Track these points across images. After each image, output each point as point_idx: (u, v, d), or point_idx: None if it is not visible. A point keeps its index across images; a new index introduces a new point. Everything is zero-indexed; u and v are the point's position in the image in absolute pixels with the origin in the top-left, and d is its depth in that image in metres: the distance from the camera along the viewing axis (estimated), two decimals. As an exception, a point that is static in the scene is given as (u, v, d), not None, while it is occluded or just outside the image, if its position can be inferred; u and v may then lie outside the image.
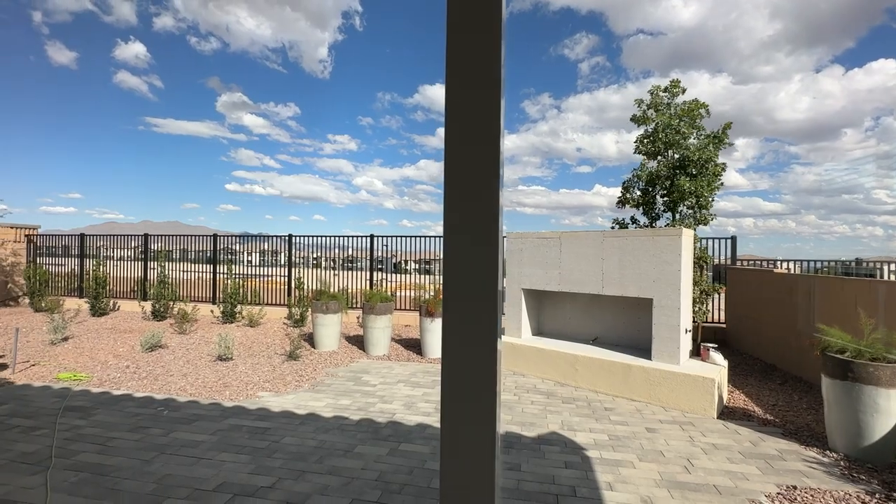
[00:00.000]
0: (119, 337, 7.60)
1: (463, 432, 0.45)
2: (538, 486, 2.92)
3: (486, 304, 0.45)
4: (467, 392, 0.46)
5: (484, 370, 0.45)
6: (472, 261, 0.44)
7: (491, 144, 0.44)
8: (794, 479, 3.07)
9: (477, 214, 0.44)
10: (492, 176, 0.44)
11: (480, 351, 0.45)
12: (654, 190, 6.95)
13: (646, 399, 4.66)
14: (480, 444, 0.45)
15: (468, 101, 0.44)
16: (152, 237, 11.93)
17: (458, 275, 0.45)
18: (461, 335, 0.45)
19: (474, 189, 0.44)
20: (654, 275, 4.85)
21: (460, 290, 0.45)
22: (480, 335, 0.45)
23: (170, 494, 2.73)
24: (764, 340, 6.58)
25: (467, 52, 0.45)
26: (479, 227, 0.44)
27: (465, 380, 0.46)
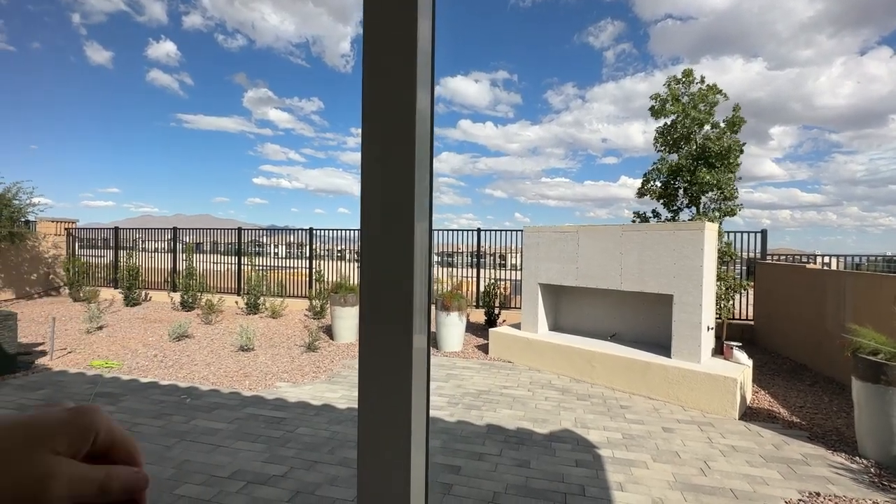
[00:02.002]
0: (149, 327, 7.94)
1: (377, 437, 0.44)
2: (547, 483, 2.89)
3: (400, 315, 0.43)
4: (381, 402, 0.44)
5: (399, 385, 0.43)
6: (385, 263, 0.42)
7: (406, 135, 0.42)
8: (819, 485, 2.94)
9: (390, 205, 0.42)
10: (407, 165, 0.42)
11: (394, 366, 0.43)
12: (675, 182, 6.72)
13: (664, 398, 4.54)
14: (395, 453, 0.44)
15: (385, 91, 0.42)
16: (182, 230, 12.36)
17: (374, 280, 0.43)
18: (376, 346, 0.44)
19: (389, 180, 0.42)
20: (675, 270, 4.70)
21: (376, 296, 0.43)
22: (395, 345, 0.43)
23: (187, 480, 2.84)
24: (794, 339, 6.30)
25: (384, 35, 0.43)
26: (393, 225, 0.42)
27: (380, 394, 0.44)
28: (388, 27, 0.42)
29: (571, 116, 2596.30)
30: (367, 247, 0.43)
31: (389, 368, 0.43)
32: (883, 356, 3.26)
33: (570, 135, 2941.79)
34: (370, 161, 0.43)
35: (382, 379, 0.44)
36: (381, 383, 0.44)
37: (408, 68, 0.41)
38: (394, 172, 0.42)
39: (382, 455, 0.44)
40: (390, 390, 0.44)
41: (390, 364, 0.43)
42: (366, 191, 0.43)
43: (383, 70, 0.42)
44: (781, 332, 6.70)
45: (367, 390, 0.45)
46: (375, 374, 0.44)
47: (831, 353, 5.28)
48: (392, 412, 0.44)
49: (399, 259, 0.42)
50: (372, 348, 0.44)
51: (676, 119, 6.48)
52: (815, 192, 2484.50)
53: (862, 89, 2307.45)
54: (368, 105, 0.43)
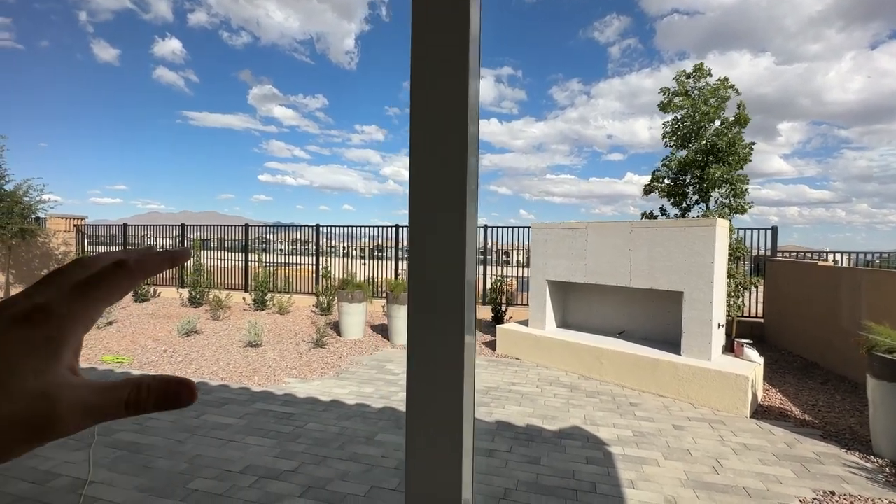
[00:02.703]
0: (158, 322, 8.00)
1: (429, 434, 0.43)
2: (558, 480, 2.89)
3: (453, 304, 0.41)
4: (433, 392, 0.43)
5: (451, 374, 0.42)
6: (435, 256, 0.41)
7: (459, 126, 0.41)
8: (833, 484, 2.91)
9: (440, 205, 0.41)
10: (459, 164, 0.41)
11: (446, 354, 0.42)
12: (684, 179, 6.65)
13: (674, 395, 4.51)
14: (448, 450, 0.42)
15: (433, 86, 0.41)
16: (190, 227, 12.43)
17: (422, 272, 0.42)
18: (426, 335, 0.42)
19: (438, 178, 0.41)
20: (686, 267, 4.66)
21: (424, 288, 0.42)
22: (447, 335, 0.42)
23: (200, 474, 2.86)
24: (805, 337, 6.24)
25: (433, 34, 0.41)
26: (443, 220, 0.41)
27: (430, 383, 0.43)
28: (439, 11, 0.40)
29: (576, 113, 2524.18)
30: (416, 239, 0.42)
31: (440, 364, 0.42)
32: (899, 354, 3.22)
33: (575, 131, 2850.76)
34: (419, 152, 0.42)
35: (434, 374, 0.43)
36: (432, 379, 0.43)
37: (461, 55, 0.40)
38: (444, 163, 0.41)
39: (434, 448, 0.43)
40: (441, 387, 0.42)
41: (441, 359, 0.42)
42: (415, 181, 0.42)
43: (434, 58, 0.41)
44: (792, 329, 6.63)
45: (417, 388, 0.44)
46: (426, 370, 0.43)
47: (843, 351, 5.22)
48: (444, 410, 0.43)
49: (450, 253, 0.41)
50: (422, 345, 0.43)
51: (686, 114, 6.41)
52: (824, 189, 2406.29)
53: (872, 84, 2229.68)
54: (418, 94, 0.41)
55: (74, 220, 12.65)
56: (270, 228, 16.00)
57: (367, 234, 12.18)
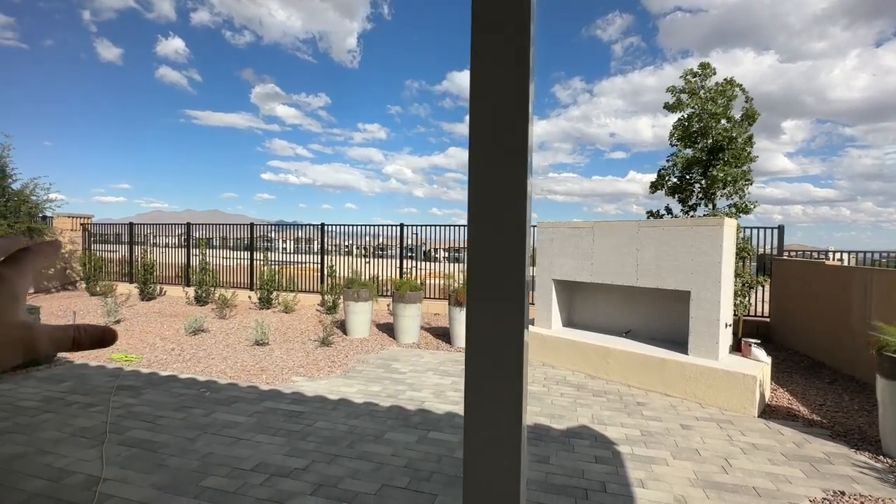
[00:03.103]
0: (165, 321, 8.05)
1: (488, 426, 0.44)
2: (567, 479, 2.90)
3: (513, 295, 0.43)
4: (492, 385, 0.44)
5: (510, 363, 0.43)
6: (496, 250, 0.42)
7: (519, 128, 0.42)
8: (843, 484, 2.91)
9: (502, 201, 0.42)
10: (518, 163, 0.42)
11: (506, 344, 0.43)
12: (690, 178, 6.64)
13: (681, 395, 4.51)
14: (506, 438, 0.44)
15: (494, 84, 0.42)
16: (194, 225, 12.48)
17: (483, 265, 0.43)
18: (486, 326, 0.43)
19: (499, 175, 0.42)
20: (693, 266, 4.65)
21: (485, 280, 0.43)
22: (506, 326, 0.43)
23: (212, 472, 2.89)
24: (812, 336, 6.22)
25: (492, 31, 0.42)
26: (505, 215, 0.42)
27: (490, 373, 0.44)
28: (498, 6, 0.41)
29: (579, 111, 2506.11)
30: (475, 235, 0.43)
31: (501, 357, 0.43)
32: (909, 354, 3.21)
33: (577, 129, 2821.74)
34: (478, 147, 0.43)
35: (496, 366, 0.44)
36: (493, 372, 0.44)
37: (521, 51, 0.40)
38: (504, 162, 0.42)
39: (494, 438, 0.44)
40: (502, 380, 0.44)
41: (501, 354, 0.43)
42: (475, 180, 0.43)
43: (494, 54, 0.42)
44: (798, 328, 6.61)
45: (478, 381, 0.45)
46: (487, 363, 0.44)
47: (852, 351, 5.21)
48: (504, 401, 0.44)
49: (510, 251, 0.42)
50: (484, 340, 0.44)
51: (693, 113, 6.39)
52: (829, 188, 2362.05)
53: (877, 82, 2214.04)
54: (477, 88, 0.42)
55: (81, 219, 12.73)
56: (274, 227, 16.05)
57: (370, 232, 12.21)
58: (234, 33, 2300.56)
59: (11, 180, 10.11)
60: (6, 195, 9.92)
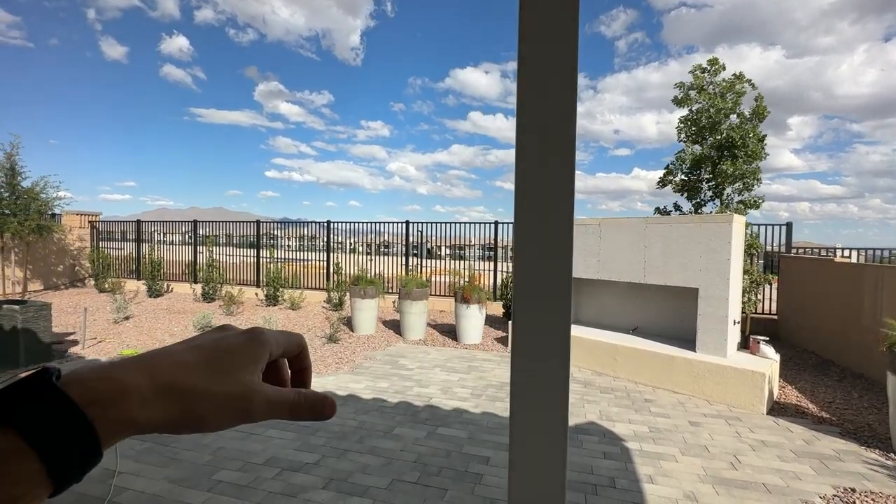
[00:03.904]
0: (173, 317, 8.11)
1: (533, 422, 0.45)
2: (577, 475, 2.91)
3: (558, 293, 0.43)
4: (538, 383, 0.45)
5: (556, 361, 0.44)
6: (543, 248, 0.43)
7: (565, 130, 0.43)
8: (853, 481, 2.90)
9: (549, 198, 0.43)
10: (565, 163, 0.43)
11: (552, 345, 0.44)
12: (698, 174, 6.61)
13: (689, 392, 4.51)
14: (551, 435, 0.45)
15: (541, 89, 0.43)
16: (200, 223, 12.56)
17: (530, 265, 0.44)
18: (532, 324, 0.44)
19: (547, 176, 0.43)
20: (701, 263, 4.64)
21: (531, 279, 0.44)
22: (553, 327, 0.44)
23: (224, 466, 2.92)
24: (821, 333, 6.18)
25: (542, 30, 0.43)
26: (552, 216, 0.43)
27: (535, 370, 0.45)
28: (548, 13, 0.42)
29: (583, 107, 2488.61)
30: (522, 236, 0.44)
31: (546, 356, 0.44)
32: (921, 352, 3.19)
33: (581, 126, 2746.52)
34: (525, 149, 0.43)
35: (540, 365, 0.45)
36: (538, 370, 0.45)
37: (567, 57, 0.41)
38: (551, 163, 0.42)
39: (539, 437, 0.45)
40: (546, 379, 0.44)
41: (546, 352, 0.44)
42: (521, 181, 0.44)
43: (543, 60, 0.42)
44: (807, 326, 6.58)
45: (523, 380, 0.46)
46: (532, 362, 0.45)
47: (860, 348, 5.18)
48: (548, 401, 0.45)
49: (557, 250, 0.42)
50: (529, 338, 0.45)
51: (701, 109, 6.36)
52: (836, 184, 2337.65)
53: (886, 77, 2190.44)
54: (526, 96, 0.43)
55: (89, 217, 12.84)
56: (279, 224, 16.11)
57: (375, 229, 12.22)
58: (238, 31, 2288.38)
59: (21, 178, 10.20)
60: (16, 193, 10.01)
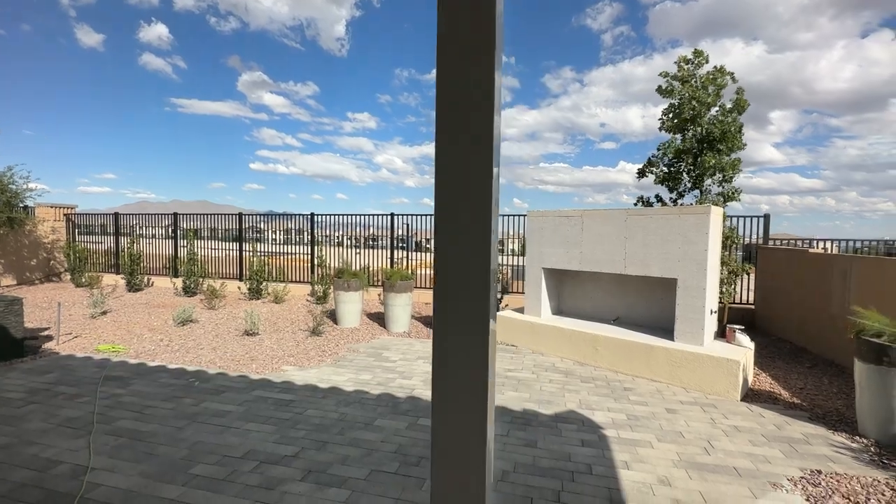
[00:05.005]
0: (153, 312, 7.96)
1: (454, 423, 0.44)
2: (554, 462, 2.95)
3: (478, 287, 0.43)
4: (458, 380, 0.44)
5: (476, 358, 0.44)
6: (462, 243, 0.42)
7: (484, 121, 0.42)
8: (820, 463, 3.00)
9: (468, 193, 0.42)
10: (485, 156, 0.42)
11: (472, 339, 0.43)
12: (679, 165, 6.69)
13: (667, 380, 4.60)
14: (471, 436, 0.44)
15: (459, 74, 0.42)
16: (182, 216, 12.29)
17: (448, 259, 0.43)
18: (451, 321, 0.44)
19: (464, 166, 0.42)
20: (680, 254, 4.71)
21: (450, 273, 0.43)
22: (472, 321, 0.43)
23: (201, 460, 2.89)
24: (794, 322, 6.36)
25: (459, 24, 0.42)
26: (470, 207, 0.42)
27: (456, 368, 0.44)
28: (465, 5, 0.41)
29: (569, 101, 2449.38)
30: (441, 228, 0.43)
31: (466, 349, 0.44)
32: (886, 338, 3.30)
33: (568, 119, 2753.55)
34: (444, 146, 0.42)
35: (460, 359, 0.44)
36: (458, 363, 0.44)
37: (486, 56, 0.40)
38: (469, 158, 0.41)
39: (461, 428, 0.44)
40: (467, 372, 0.44)
41: (466, 345, 0.44)
42: (440, 172, 0.43)
43: (460, 53, 0.41)
44: (782, 315, 6.75)
45: (443, 373, 0.45)
46: (452, 356, 0.44)
47: (831, 336, 5.34)
48: (470, 392, 0.44)
49: (474, 243, 0.42)
50: (449, 331, 0.44)
51: (683, 100, 6.42)
52: (815, 178, 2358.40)
53: (863, 73, 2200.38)
54: (443, 87, 0.42)
55: (64, 209, 12.47)
56: (263, 217, 15.87)
57: (362, 222, 12.14)
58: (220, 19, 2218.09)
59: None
60: (-16, 184, 9.67)
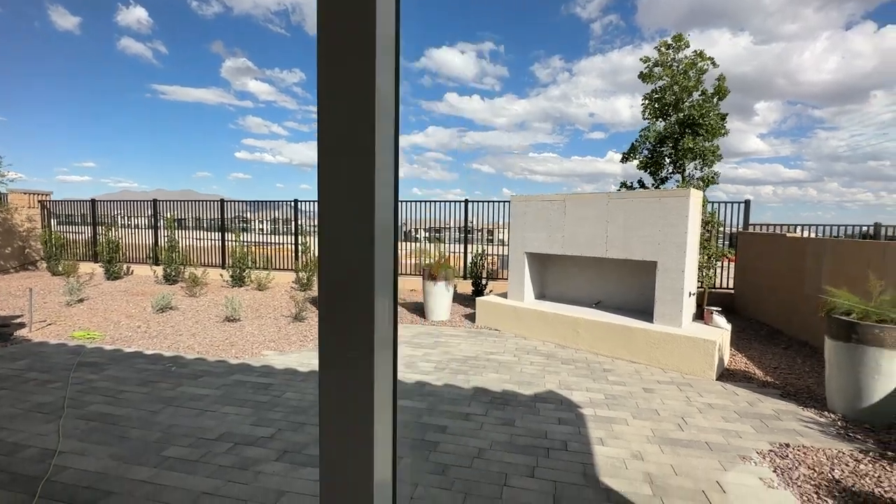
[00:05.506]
0: (132, 299, 7.81)
1: (340, 422, 0.42)
2: (530, 440, 2.98)
3: (363, 292, 0.40)
4: (340, 382, 0.42)
5: (362, 375, 0.41)
6: (344, 247, 0.40)
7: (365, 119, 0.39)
8: (789, 437, 3.08)
9: (351, 187, 0.39)
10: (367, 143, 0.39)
11: (356, 344, 0.41)
12: (661, 150, 6.73)
13: (646, 361, 4.66)
14: (360, 460, 0.42)
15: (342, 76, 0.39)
16: (162, 202, 12.03)
17: (331, 265, 0.40)
18: (335, 319, 0.41)
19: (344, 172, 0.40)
20: (660, 237, 4.75)
21: (335, 279, 0.41)
22: (356, 335, 0.41)
23: (174, 442, 2.85)
24: (772, 305, 6.49)
25: None
26: (351, 212, 0.39)
27: (341, 387, 0.42)
28: None
29: (558, 90, 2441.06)
30: (325, 228, 0.40)
31: (350, 354, 0.41)
32: (855, 316, 3.38)
33: (557, 109, 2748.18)
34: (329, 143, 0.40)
35: (346, 364, 0.41)
36: (343, 369, 0.42)
37: (367, 44, 0.37)
38: (354, 153, 0.39)
39: (346, 453, 0.42)
40: (352, 377, 0.41)
41: (351, 348, 0.41)
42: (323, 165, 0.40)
43: (340, 46, 0.39)
44: (760, 299, 6.89)
45: (328, 381, 0.42)
46: (335, 361, 0.42)
47: (806, 317, 5.46)
48: (354, 410, 0.42)
49: (358, 239, 0.39)
50: (332, 333, 0.41)
51: (665, 85, 6.44)
52: (798, 168, 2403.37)
53: (846, 65, 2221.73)
54: (325, 86, 0.39)
55: (39, 196, 12.11)
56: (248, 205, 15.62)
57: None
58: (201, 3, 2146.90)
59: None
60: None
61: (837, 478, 2.58)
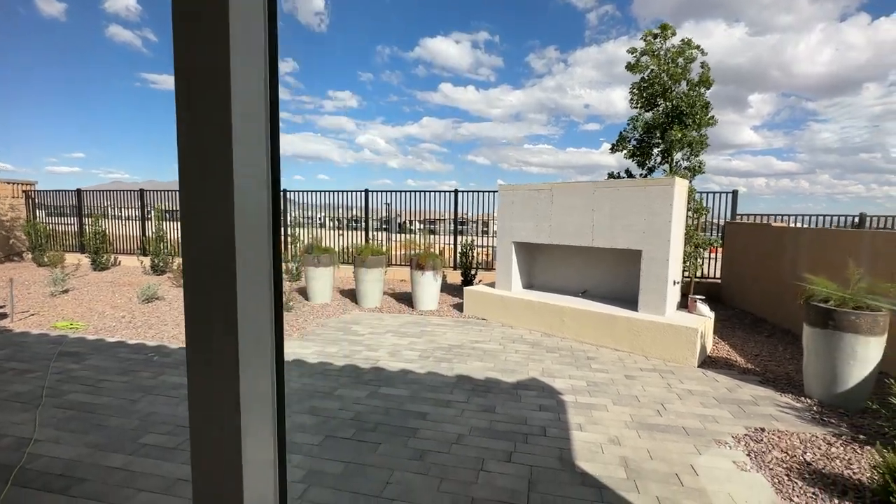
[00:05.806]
0: (118, 290, 7.74)
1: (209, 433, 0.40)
2: (510, 426, 2.99)
3: (224, 289, 0.39)
4: (208, 379, 0.40)
5: (226, 366, 0.40)
6: (205, 244, 0.38)
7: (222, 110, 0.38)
8: (764, 422, 3.12)
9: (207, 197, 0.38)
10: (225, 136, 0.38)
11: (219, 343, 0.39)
12: (649, 140, 6.72)
13: (629, 349, 4.70)
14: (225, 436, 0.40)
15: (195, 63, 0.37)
16: (150, 192, 11.88)
17: (195, 262, 0.39)
18: (201, 318, 0.40)
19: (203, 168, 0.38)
20: (644, 226, 4.76)
21: (197, 277, 0.39)
22: (219, 327, 0.39)
23: (152, 430, 2.84)
24: (757, 294, 6.55)
25: None
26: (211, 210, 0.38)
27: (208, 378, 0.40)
28: None
29: (554, 81, 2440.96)
30: (186, 234, 0.38)
31: (215, 361, 0.40)
32: (832, 303, 3.41)
33: (552, 100, 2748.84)
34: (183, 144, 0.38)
35: (212, 372, 0.40)
36: (210, 379, 0.40)
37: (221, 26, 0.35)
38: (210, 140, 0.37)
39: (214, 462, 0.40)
40: (218, 388, 0.40)
41: (215, 356, 0.40)
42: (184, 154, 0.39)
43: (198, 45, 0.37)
44: (745, 288, 6.95)
45: (196, 390, 0.41)
46: (203, 369, 0.40)
47: (788, 306, 5.52)
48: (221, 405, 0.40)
49: (218, 231, 0.38)
50: (198, 337, 0.40)
51: (652, 74, 6.41)
52: (790, 160, 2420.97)
53: (840, 57, 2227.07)
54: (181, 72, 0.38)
55: (23, 186, 11.90)
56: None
57: (341, 203, 11.92)
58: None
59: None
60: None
61: (809, 460, 2.62)
